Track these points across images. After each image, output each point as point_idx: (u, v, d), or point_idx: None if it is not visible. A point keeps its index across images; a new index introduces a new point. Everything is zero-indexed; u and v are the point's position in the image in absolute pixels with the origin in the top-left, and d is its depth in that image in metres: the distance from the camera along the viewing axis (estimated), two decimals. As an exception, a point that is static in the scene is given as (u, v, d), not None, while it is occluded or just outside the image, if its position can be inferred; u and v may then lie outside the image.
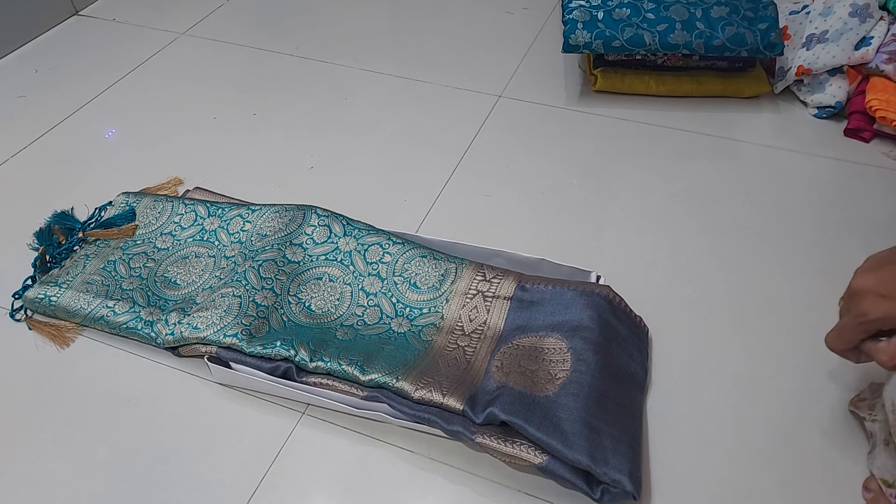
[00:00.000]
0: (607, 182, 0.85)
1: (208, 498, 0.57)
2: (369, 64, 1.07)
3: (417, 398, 0.57)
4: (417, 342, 0.64)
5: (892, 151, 0.86)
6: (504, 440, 0.54)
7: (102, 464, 0.60)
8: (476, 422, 0.55)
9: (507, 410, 0.54)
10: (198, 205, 0.78)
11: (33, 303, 0.71)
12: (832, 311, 0.68)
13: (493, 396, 0.56)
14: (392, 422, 0.60)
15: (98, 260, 0.74)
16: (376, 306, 0.67)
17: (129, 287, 0.71)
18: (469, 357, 0.62)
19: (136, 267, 0.73)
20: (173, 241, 0.75)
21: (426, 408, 0.57)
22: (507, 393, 0.56)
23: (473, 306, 0.66)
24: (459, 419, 0.56)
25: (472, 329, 0.64)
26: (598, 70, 0.97)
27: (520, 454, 0.54)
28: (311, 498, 0.57)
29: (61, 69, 1.09)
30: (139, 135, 0.96)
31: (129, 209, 0.79)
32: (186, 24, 1.19)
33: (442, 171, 0.87)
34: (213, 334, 0.63)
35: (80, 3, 1.23)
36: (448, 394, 0.57)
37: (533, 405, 0.55)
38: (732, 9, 0.91)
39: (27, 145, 0.94)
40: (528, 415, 0.54)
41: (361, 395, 0.59)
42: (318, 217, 0.73)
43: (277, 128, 0.96)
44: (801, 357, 0.65)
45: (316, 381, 0.61)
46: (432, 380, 0.58)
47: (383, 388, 0.59)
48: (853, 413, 0.59)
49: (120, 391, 0.65)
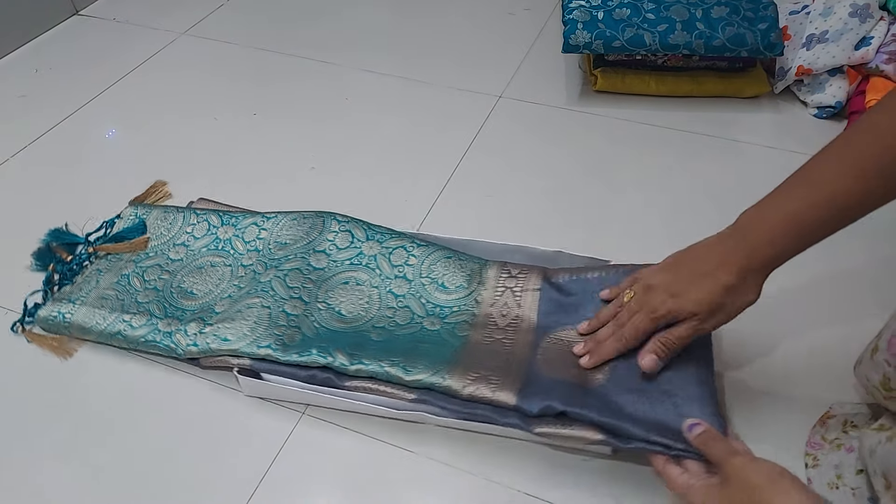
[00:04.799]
0: (608, 182, 0.85)
1: (208, 498, 0.57)
2: (369, 64, 1.07)
3: (467, 395, 0.57)
4: (453, 338, 0.63)
5: (892, 151, 0.86)
6: (562, 424, 0.54)
7: (102, 465, 0.60)
8: (531, 413, 0.55)
9: (565, 402, 0.54)
10: (210, 214, 0.77)
11: (47, 321, 0.69)
12: (832, 309, 0.69)
13: (545, 390, 0.56)
14: (434, 421, 0.59)
15: (111, 274, 0.73)
16: (406, 307, 0.67)
17: (144, 300, 0.69)
18: (508, 349, 0.62)
19: (151, 279, 0.72)
20: (187, 252, 0.74)
21: (476, 405, 0.57)
22: (560, 386, 0.56)
23: (504, 302, 0.66)
24: (513, 412, 0.56)
25: (505, 323, 0.64)
26: (598, 70, 0.97)
27: (581, 435, 0.54)
28: (311, 498, 0.57)
29: (61, 69, 1.09)
30: (139, 135, 0.96)
31: (140, 222, 0.78)
32: (186, 24, 1.19)
33: (442, 171, 0.87)
34: (245, 346, 0.62)
35: (80, 3, 1.23)
36: (497, 388, 0.57)
37: (588, 394, 0.56)
38: (732, 9, 0.91)
39: (27, 145, 0.94)
40: (585, 403, 0.54)
41: (410, 397, 0.58)
42: (338, 223, 0.73)
43: (278, 128, 0.96)
44: (799, 359, 0.65)
45: (358, 386, 0.60)
46: (479, 374, 0.58)
47: (430, 389, 0.58)
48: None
49: (119, 392, 0.65)
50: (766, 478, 0.44)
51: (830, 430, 0.56)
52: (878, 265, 0.71)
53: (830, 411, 0.58)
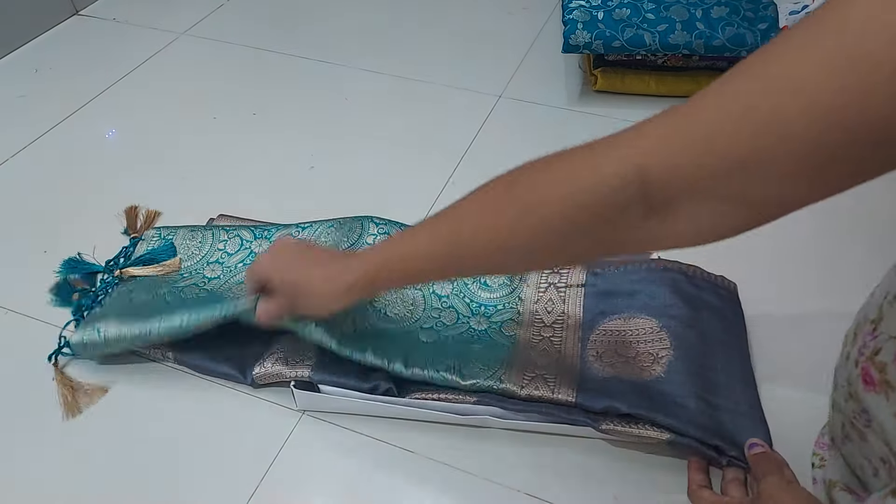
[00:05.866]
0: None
1: (208, 498, 0.57)
2: (369, 64, 1.07)
3: (525, 396, 0.57)
4: (502, 338, 0.64)
5: (892, 151, 0.86)
6: (628, 423, 0.55)
7: (102, 465, 0.60)
8: (594, 411, 0.56)
9: (628, 404, 0.55)
10: (240, 230, 0.76)
11: (81, 344, 0.64)
12: (833, 311, 0.68)
13: (605, 389, 0.57)
14: (498, 424, 0.59)
15: (144, 294, 0.68)
16: (451, 308, 0.67)
17: (185, 305, 0.64)
18: (558, 347, 0.62)
19: (189, 298, 0.69)
20: (223, 269, 0.72)
21: (538, 404, 0.57)
22: (619, 384, 0.57)
23: (548, 298, 0.66)
24: (576, 409, 0.56)
25: (552, 320, 0.65)
26: (598, 70, 0.97)
27: (647, 434, 0.55)
28: (311, 498, 0.57)
29: (61, 69, 1.09)
30: (139, 135, 0.96)
31: (167, 243, 0.75)
32: (187, 24, 1.19)
33: (442, 172, 0.87)
34: (307, 329, 0.58)
35: (80, 3, 1.22)
36: (556, 387, 0.57)
37: (648, 392, 0.56)
38: (732, 9, 0.91)
39: (27, 145, 0.94)
40: (649, 404, 0.55)
41: (472, 400, 0.58)
42: (375, 225, 0.73)
43: (278, 128, 0.96)
44: (807, 358, 0.64)
45: (419, 397, 0.59)
46: (535, 374, 0.58)
47: (488, 392, 0.58)
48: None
49: (119, 392, 0.65)
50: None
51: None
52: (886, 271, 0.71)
53: None
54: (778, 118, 0.31)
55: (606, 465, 0.58)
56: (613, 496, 0.56)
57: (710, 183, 0.35)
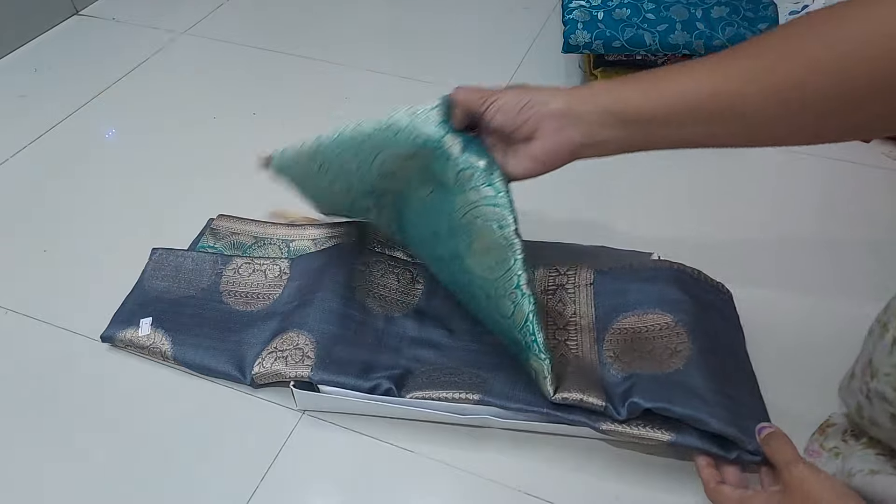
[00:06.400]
0: (608, 182, 0.85)
1: (208, 498, 0.57)
2: (369, 64, 1.07)
3: (559, 399, 0.55)
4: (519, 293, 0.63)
5: (892, 151, 0.86)
6: (628, 423, 0.54)
7: (102, 464, 0.60)
8: (619, 418, 0.54)
9: (649, 398, 0.54)
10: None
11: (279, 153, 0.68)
12: (833, 313, 0.68)
13: (626, 388, 0.56)
14: (497, 423, 0.59)
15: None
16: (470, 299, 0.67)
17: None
18: (574, 351, 0.62)
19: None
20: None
21: (567, 408, 0.56)
22: (639, 381, 0.56)
23: (558, 300, 0.66)
24: (578, 410, 0.55)
25: (564, 322, 0.64)
26: (598, 70, 0.97)
27: (647, 435, 0.54)
28: (311, 498, 0.57)
29: (61, 69, 1.09)
30: (139, 135, 0.96)
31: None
32: (186, 24, 1.19)
33: (442, 171, 0.87)
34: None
35: (80, 3, 1.22)
36: (585, 391, 0.55)
37: (668, 384, 0.55)
38: (732, 9, 0.91)
39: (27, 145, 0.94)
40: (669, 395, 0.54)
41: (475, 398, 0.57)
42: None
43: (278, 127, 0.96)
44: (800, 366, 0.65)
45: (419, 396, 0.58)
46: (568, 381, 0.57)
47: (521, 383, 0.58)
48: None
49: (120, 391, 0.65)
50: (833, 492, 0.43)
51: (829, 439, 0.56)
52: (886, 271, 0.71)
53: (830, 420, 0.58)
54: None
55: (606, 465, 0.58)
56: (615, 496, 0.56)
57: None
